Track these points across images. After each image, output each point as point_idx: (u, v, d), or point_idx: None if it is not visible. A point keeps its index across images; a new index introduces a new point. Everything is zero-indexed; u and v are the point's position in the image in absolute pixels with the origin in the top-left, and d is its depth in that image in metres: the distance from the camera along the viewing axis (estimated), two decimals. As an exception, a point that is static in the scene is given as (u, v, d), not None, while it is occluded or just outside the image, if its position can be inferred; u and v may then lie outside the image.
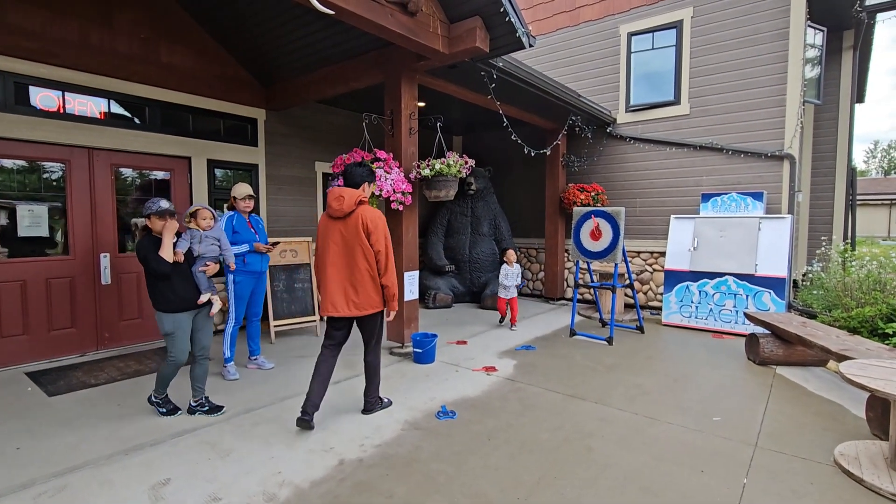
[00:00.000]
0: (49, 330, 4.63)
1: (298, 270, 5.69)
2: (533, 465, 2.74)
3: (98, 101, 4.84)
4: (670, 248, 6.27)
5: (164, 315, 3.20)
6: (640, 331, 5.80)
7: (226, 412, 3.44)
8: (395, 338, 4.94)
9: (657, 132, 7.07)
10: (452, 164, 4.42)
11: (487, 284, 7.53)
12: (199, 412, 3.41)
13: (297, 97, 5.84)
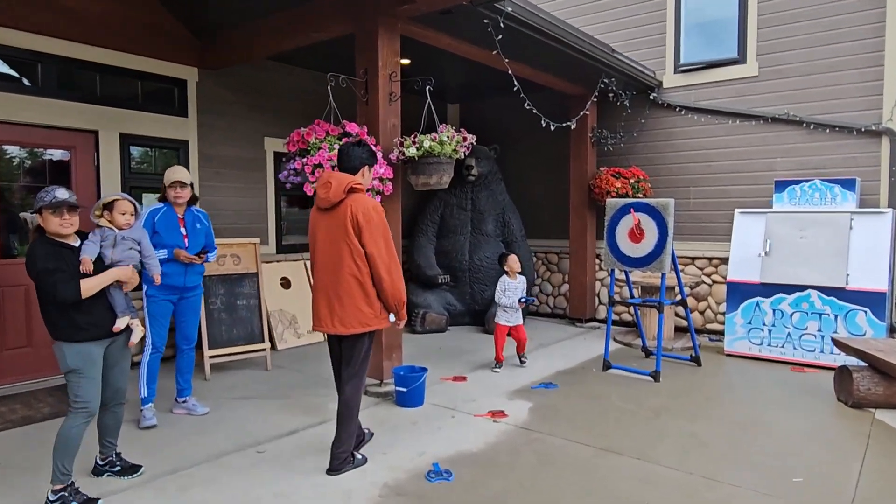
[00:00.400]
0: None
1: (242, 282, 5.66)
2: (554, 544, 2.71)
3: (-28, 56, 4.80)
4: (734, 252, 6.29)
5: (67, 346, 2.96)
6: (696, 362, 5.80)
7: (144, 473, 3.38)
8: (372, 372, 4.87)
9: (716, 99, 7.10)
10: (447, 142, 4.41)
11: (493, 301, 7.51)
12: (109, 473, 3.31)
13: (241, 52, 5.83)
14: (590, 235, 7.85)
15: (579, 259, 7.87)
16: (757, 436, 4.00)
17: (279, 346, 6.42)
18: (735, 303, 6.20)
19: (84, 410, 2.98)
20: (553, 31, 5.42)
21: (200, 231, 4.43)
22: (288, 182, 4.37)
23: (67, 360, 2.94)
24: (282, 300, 6.69)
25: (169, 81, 5.99)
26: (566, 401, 4.74)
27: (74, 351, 2.95)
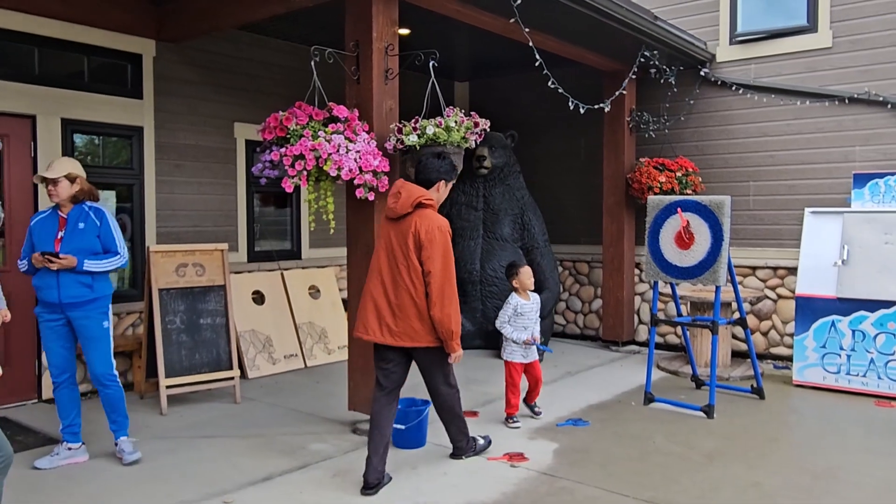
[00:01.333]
0: None
1: (207, 297, 5.67)
2: None
3: None
4: (804, 261, 6.24)
5: None
6: (758, 395, 5.75)
7: None
8: (362, 406, 4.88)
9: (781, 76, 7.08)
10: (454, 127, 4.40)
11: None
12: None
13: (205, 22, 5.87)
14: (627, 241, 7.81)
15: (615, 269, 7.83)
16: (834, 487, 3.94)
17: (250, 374, 6.42)
18: (806, 322, 6.14)
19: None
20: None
21: (84, 232, 4.19)
22: (263, 177, 4.36)
23: None
24: (254, 318, 6.70)
25: (120, 56, 6.03)
26: (599, 441, 4.69)
27: None
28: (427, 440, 4.64)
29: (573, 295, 8.63)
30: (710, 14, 7.50)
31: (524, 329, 5.09)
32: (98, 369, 4.25)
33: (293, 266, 7.35)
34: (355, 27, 4.77)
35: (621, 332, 7.82)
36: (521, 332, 5.06)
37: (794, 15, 7.01)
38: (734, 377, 6.34)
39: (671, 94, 7.62)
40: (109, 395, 4.27)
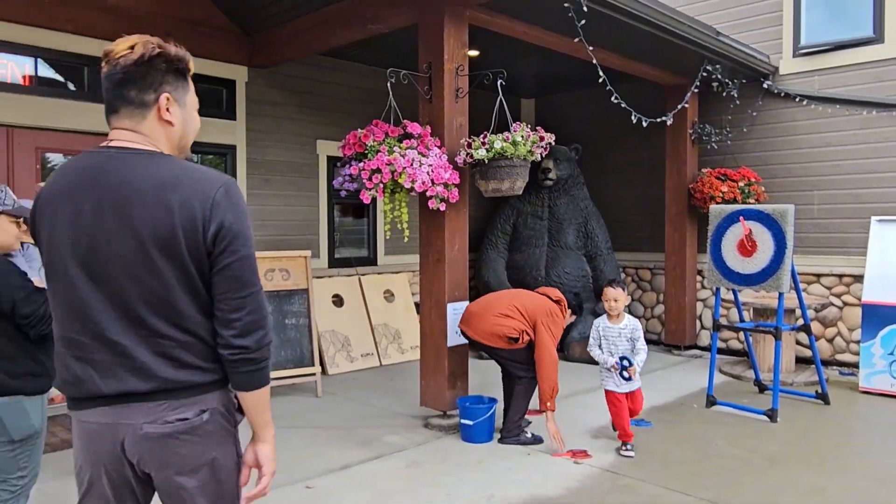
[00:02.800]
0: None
1: (291, 300, 5.86)
2: None
3: (20, 60, 5.24)
4: (871, 268, 5.99)
5: (31, 401, 2.58)
6: (823, 400, 5.54)
7: None
8: (434, 402, 4.95)
9: (846, 86, 6.81)
10: (521, 142, 4.42)
11: (574, 325, 7.42)
12: None
13: (293, 48, 6.09)
14: (689, 248, 7.65)
15: (677, 276, 7.67)
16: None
17: (330, 371, 6.58)
18: (873, 329, 5.88)
19: (31, 484, 2.66)
20: (645, 13, 5.36)
21: None
22: (343, 189, 4.49)
23: (32, 420, 2.57)
24: (334, 320, 6.87)
25: (217, 82, 6.33)
26: (661, 443, 4.61)
27: (38, 405, 2.62)
28: (494, 436, 4.65)
29: (636, 300, 8.49)
30: (774, 28, 7.28)
31: (611, 355, 4.47)
32: None
33: (370, 272, 7.50)
34: (428, 50, 4.87)
35: (683, 336, 7.65)
36: (608, 356, 4.47)
37: (860, 26, 6.73)
38: (798, 382, 6.11)
39: (734, 107, 7.43)
40: None
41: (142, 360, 1.57)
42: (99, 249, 1.58)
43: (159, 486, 1.65)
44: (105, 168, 1.60)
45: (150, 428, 1.57)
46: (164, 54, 1.66)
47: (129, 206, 1.55)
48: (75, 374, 1.62)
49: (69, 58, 5.44)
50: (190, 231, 1.54)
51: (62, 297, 1.65)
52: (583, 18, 4.91)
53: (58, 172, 1.72)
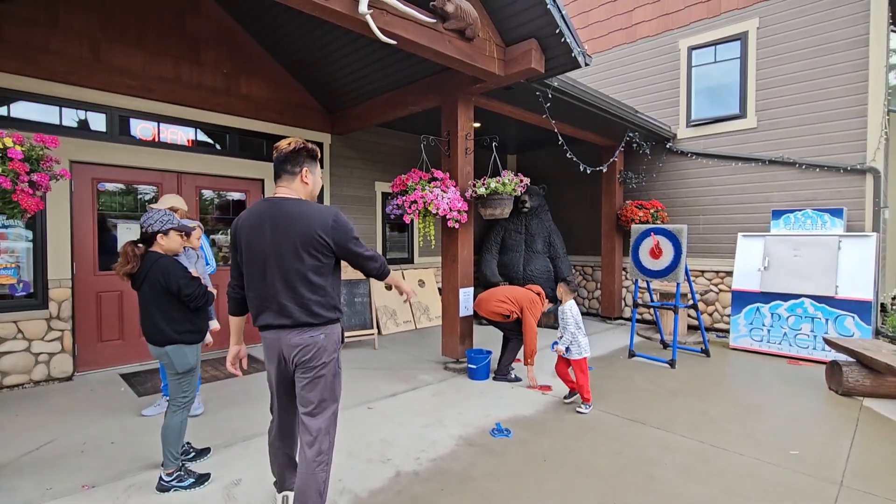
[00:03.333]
0: (139, 335, 5.03)
1: (358, 286, 5.85)
2: (591, 491, 2.62)
3: (186, 130, 5.30)
4: (738, 267, 5.88)
5: (190, 348, 2.63)
6: (706, 354, 5.44)
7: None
8: (450, 353, 4.94)
9: (721, 147, 6.71)
10: (508, 183, 4.41)
11: (542, 302, 7.38)
12: (179, 486, 2.60)
13: (359, 122, 6.09)
14: (617, 253, 7.57)
15: (609, 271, 7.60)
16: (759, 415, 3.70)
17: (383, 332, 6.58)
18: (739, 307, 5.78)
19: (191, 403, 2.71)
20: (589, 98, 5.33)
21: None
22: (392, 214, 4.51)
23: (190, 359, 2.64)
24: (386, 298, 6.86)
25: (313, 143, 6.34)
26: (600, 381, 4.55)
27: (195, 351, 2.67)
28: (489, 376, 4.63)
29: (583, 287, 8.41)
30: (673, 108, 7.19)
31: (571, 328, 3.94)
32: None
33: (409, 267, 7.50)
34: (447, 123, 4.86)
35: (613, 311, 7.57)
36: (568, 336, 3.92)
37: (731, 107, 6.63)
38: (689, 342, 6.02)
39: (647, 160, 7.35)
40: None
41: (290, 310, 2.06)
42: (278, 249, 2.04)
43: (300, 372, 2.11)
44: (276, 206, 2.08)
45: (294, 340, 2.07)
46: (305, 147, 2.17)
47: (289, 226, 2.03)
48: (261, 316, 2.11)
49: (216, 128, 5.49)
50: (318, 239, 2.04)
51: (258, 276, 2.09)
52: (548, 103, 4.89)
53: (251, 208, 2.15)
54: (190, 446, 2.95)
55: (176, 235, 2.69)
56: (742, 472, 2.83)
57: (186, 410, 2.69)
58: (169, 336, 2.58)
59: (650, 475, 2.78)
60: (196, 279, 2.65)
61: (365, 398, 4.02)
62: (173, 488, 2.57)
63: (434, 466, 2.86)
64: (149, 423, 3.48)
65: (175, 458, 2.61)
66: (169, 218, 2.67)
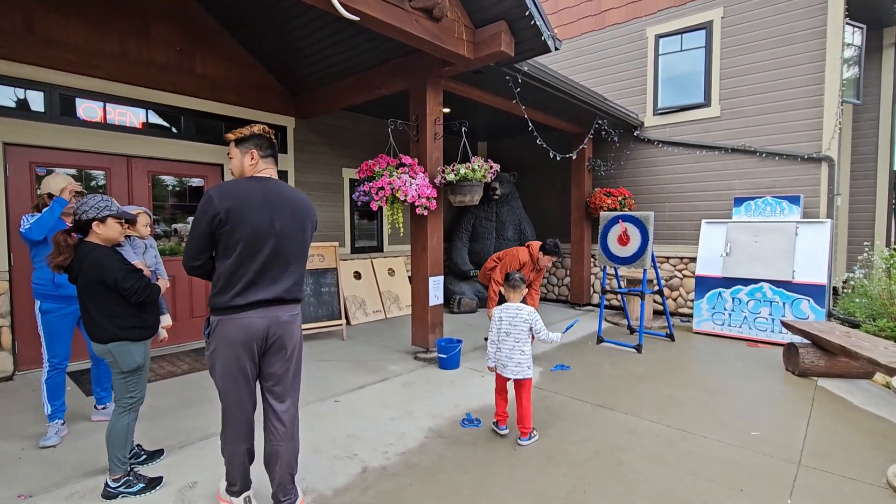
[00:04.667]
0: (88, 331, 4.73)
1: (325, 275, 5.68)
2: (561, 479, 2.60)
3: (136, 110, 4.96)
4: (701, 253, 6.01)
5: (136, 345, 2.42)
6: (671, 338, 5.56)
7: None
8: (420, 343, 4.85)
9: (686, 135, 6.81)
10: (477, 169, 4.32)
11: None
12: (127, 492, 2.40)
13: (324, 105, 5.86)
14: (586, 240, 7.63)
15: (578, 258, 7.66)
16: (722, 398, 3.78)
17: (353, 322, 6.44)
18: (701, 292, 5.92)
19: (138, 404, 2.51)
20: (559, 84, 5.27)
21: None
22: (359, 200, 4.35)
23: (136, 358, 2.44)
24: (355, 288, 6.72)
25: (274, 127, 6.05)
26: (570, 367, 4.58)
27: (142, 348, 2.48)
28: (460, 365, 4.58)
29: (552, 274, 8.47)
30: (641, 96, 7.24)
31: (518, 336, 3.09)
32: None
33: (378, 256, 7.36)
34: (416, 107, 4.72)
35: (582, 297, 7.65)
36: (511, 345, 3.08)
37: (695, 95, 6.72)
38: (655, 327, 6.15)
39: (615, 148, 7.40)
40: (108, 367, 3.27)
41: (286, 286, 2.12)
42: (286, 227, 2.10)
43: (276, 350, 2.14)
44: (274, 184, 2.15)
45: (283, 317, 2.13)
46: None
47: (295, 205, 2.17)
48: (248, 292, 2.05)
49: (170, 109, 5.16)
50: (313, 221, 2.28)
51: (253, 251, 2.04)
52: (518, 88, 4.80)
53: (233, 184, 2.08)
54: (140, 448, 2.77)
55: (114, 223, 2.44)
56: (706, 454, 2.87)
57: (134, 412, 2.51)
58: (111, 333, 2.37)
59: (618, 461, 2.79)
60: (138, 272, 2.43)
61: (332, 391, 3.90)
62: (121, 495, 2.39)
63: (402, 460, 2.79)
64: (97, 425, 3.26)
65: (122, 463, 2.44)
66: (106, 204, 2.42)
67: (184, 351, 5.11)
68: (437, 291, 4.79)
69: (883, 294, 5.16)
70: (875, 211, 7.86)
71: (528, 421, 3.01)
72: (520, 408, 3.02)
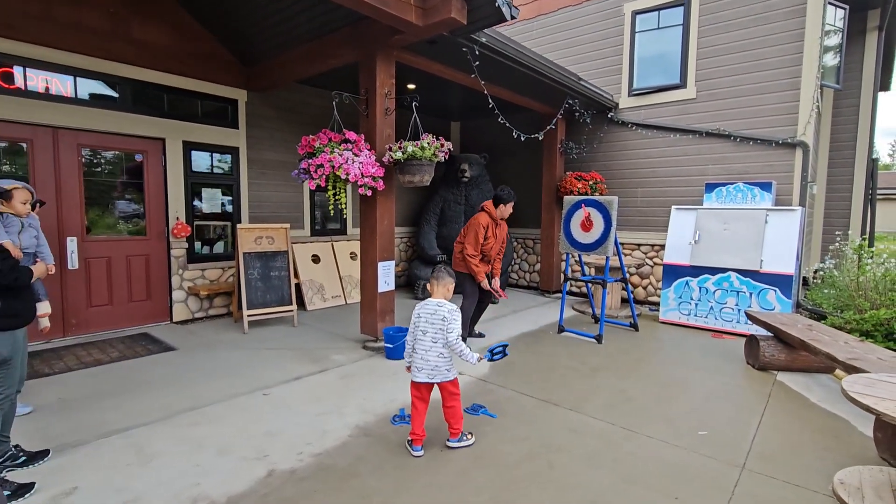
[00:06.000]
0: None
1: (275, 258, 5.38)
2: (484, 484, 2.38)
3: (64, 77, 4.55)
4: (670, 240, 5.79)
5: (3, 335, 2.21)
6: (634, 328, 5.37)
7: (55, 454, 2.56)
8: (369, 331, 4.60)
9: (661, 118, 6.54)
10: (427, 147, 4.01)
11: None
12: (9, 469, 2.33)
13: (277, 78, 5.48)
14: (557, 225, 7.38)
15: (548, 244, 7.43)
16: (675, 393, 3.59)
17: (309, 308, 6.17)
18: (669, 281, 5.72)
19: (6, 402, 2.28)
20: (523, 59, 4.95)
21: None
22: (299, 179, 4.04)
23: (1, 349, 2.21)
24: (312, 272, 6.42)
25: (223, 101, 5.68)
26: (523, 357, 4.37)
27: (8, 339, 2.23)
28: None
29: (524, 260, 8.25)
30: (616, 76, 6.94)
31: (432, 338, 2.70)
32: None
33: (341, 239, 7.05)
34: (365, 79, 4.38)
35: (551, 284, 7.44)
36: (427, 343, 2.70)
37: (672, 76, 6.44)
38: (621, 316, 5.96)
39: (588, 130, 7.12)
40: None
41: None
42: None
43: None
44: None
45: None
46: None
47: None
48: None
49: (103, 77, 4.76)
50: None
51: None
52: (476, 61, 4.47)
53: None
54: (19, 449, 2.47)
55: None
56: (647, 456, 2.67)
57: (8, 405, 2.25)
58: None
59: (551, 464, 2.57)
60: (4, 252, 2.13)
61: (264, 382, 3.65)
62: None
63: (316, 462, 2.55)
64: None
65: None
66: None
67: (118, 337, 4.81)
68: (388, 277, 4.53)
69: (851, 285, 5.00)
70: (851, 200, 7.71)
71: (457, 423, 2.73)
72: (445, 411, 2.74)
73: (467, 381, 3.77)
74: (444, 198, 7.55)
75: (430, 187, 8.12)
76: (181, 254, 5.40)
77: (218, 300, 5.74)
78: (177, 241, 5.35)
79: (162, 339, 4.77)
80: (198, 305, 5.58)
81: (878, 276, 4.86)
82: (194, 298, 5.53)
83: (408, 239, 8.20)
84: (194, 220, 5.55)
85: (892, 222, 23.21)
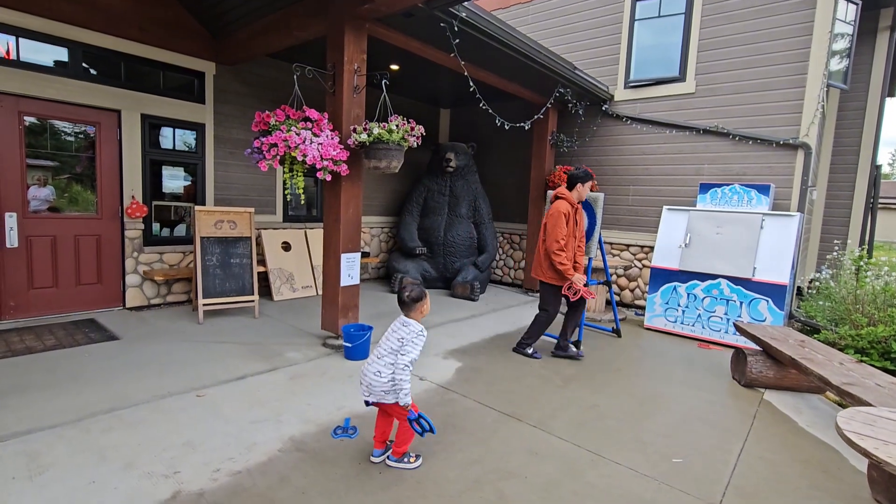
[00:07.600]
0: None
1: (237, 245, 5.01)
2: (421, 518, 2.06)
3: (2, 37, 4.14)
4: (659, 242, 5.46)
5: None
6: (617, 334, 5.06)
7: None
8: (330, 327, 4.26)
9: (658, 112, 6.18)
10: (395, 130, 3.65)
11: (461, 271, 6.82)
12: None
13: (246, 51, 5.08)
14: (544, 222, 7.04)
15: (534, 240, 7.08)
16: (652, 410, 3.28)
17: (276, 298, 5.82)
18: (656, 285, 5.40)
19: None
20: (509, 40, 4.57)
21: None
22: (252, 159, 3.67)
23: None
24: (282, 260, 6.06)
25: (189, 73, 5.28)
26: (493, 363, 4.04)
27: None
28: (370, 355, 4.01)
29: (509, 256, 7.92)
30: (612, 66, 6.56)
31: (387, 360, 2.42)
32: None
33: (316, 226, 6.69)
34: (332, 53, 3.99)
35: (536, 283, 7.11)
36: (379, 365, 2.43)
37: (671, 68, 6.07)
38: (605, 320, 5.64)
39: (581, 122, 6.76)
40: None
41: None
42: None
43: None
44: None
45: None
46: None
47: None
48: None
49: (50, 39, 4.36)
50: None
51: None
52: (456, 38, 4.10)
53: None
54: None
55: None
56: (612, 488, 2.35)
57: None
58: None
59: (500, 494, 2.25)
60: None
61: (202, 381, 3.31)
62: None
63: (232, 483, 2.22)
64: None
65: None
66: None
67: (61, 323, 4.46)
68: (352, 270, 4.18)
69: (848, 298, 4.70)
70: (852, 207, 7.39)
71: (400, 444, 2.43)
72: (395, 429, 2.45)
73: (427, 387, 3.44)
74: (428, 188, 7.20)
75: (414, 176, 7.76)
76: (136, 235, 5.04)
77: (177, 286, 5.38)
78: (132, 221, 4.98)
79: (108, 326, 4.42)
80: (154, 291, 5.22)
81: (878, 289, 4.56)
82: (150, 284, 5.17)
83: (388, 229, 7.84)
84: (153, 200, 5.17)
85: (892, 233, 22.96)
